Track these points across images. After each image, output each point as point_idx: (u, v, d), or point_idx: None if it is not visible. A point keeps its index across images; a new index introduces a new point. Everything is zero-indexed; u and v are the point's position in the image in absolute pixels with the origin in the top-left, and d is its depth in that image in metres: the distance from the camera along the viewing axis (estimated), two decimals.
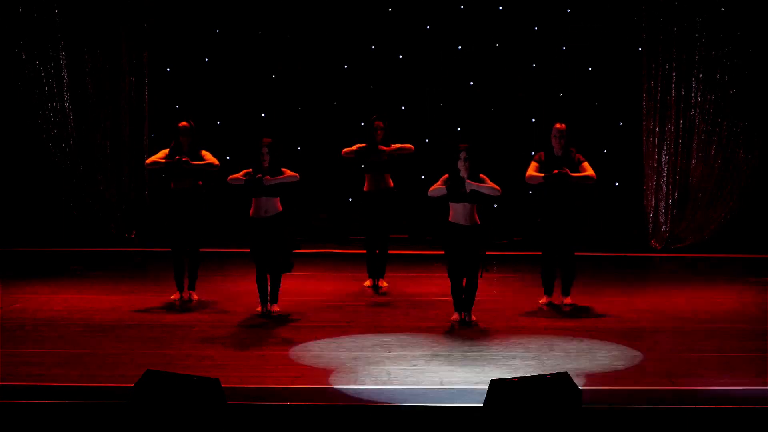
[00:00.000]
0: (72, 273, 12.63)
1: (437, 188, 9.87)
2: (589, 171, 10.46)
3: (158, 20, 14.86)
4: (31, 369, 8.21)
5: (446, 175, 9.86)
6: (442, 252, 10.00)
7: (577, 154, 10.52)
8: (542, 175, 10.41)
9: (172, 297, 10.85)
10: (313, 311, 10.47)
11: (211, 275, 12.04)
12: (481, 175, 9.81)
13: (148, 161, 10.84)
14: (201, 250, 10.87)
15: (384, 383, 7.93)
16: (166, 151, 10.66)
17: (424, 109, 15.27)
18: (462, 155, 9.81)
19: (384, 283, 11.64)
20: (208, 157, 10.66)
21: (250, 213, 10.18)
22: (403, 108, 15.14)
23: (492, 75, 15.16)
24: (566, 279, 10.69)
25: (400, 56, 15.23)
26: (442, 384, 7.93)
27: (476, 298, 10.00)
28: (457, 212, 9.82)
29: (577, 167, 10.45)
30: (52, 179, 14.75)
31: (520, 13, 14.95)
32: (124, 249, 14.33)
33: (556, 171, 10.35)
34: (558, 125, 10.55)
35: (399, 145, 11.47)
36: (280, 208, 10.19)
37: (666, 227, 14.50)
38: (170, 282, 10.95)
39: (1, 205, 14.76)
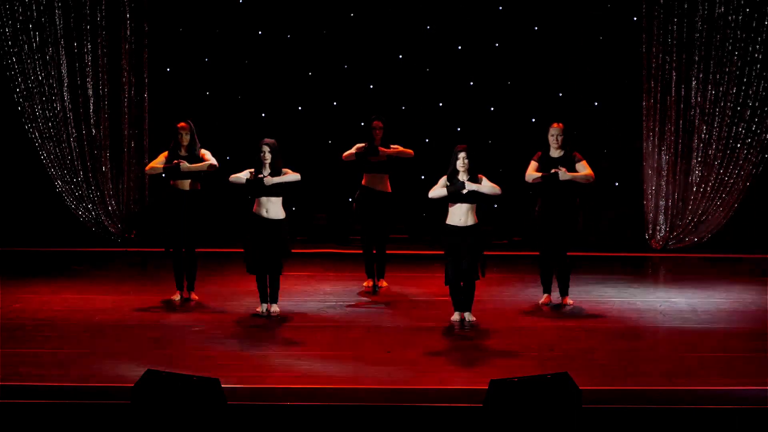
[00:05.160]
0: (72, 273, 12.63)
1: (437, 190, 9.87)
2: (587, 170, 10.46)
3: (158, 20, 14.86)
4: (31, 369, 8.20)
5: (445, 177, 9.88)
6: (442, 252, 9.99)
7: (575, 153, 10.52)
8: (539, 174, 10.43)
9: (172, 297, 10.86)
10: (313, 311, 10.47)
11: (211, 275, 12.05)
12: (480, 175, 9.82)
13: (147, 167, 10.86)
14: (200, 250, 10.87)
15: (384, 383, 7.93)
16: (166, 153, 10.66)
17: (424, 109, 15.27)
18: (461, 156, 9.81)
19: (384, 283, 11.63)
20: (208, 157, 10.66)
21: (253, 209, 10.19)
22: (403, 108, 15.14)
23: (492, 75, 15.16)
24: (562, 279, 10.70)
25: (400, 56, 15.24)
26: (442, 384, 7.93)
27: (476, 298, 9.99)
28: (456, 213, 9.82)
29: (574, 166, 10.45)
30: (52, 179, 14.75)
31: (520, 13, 14.95)
32: (124, 249, 14.33)
33: (553, 171, 10.37)
34: (555, 124, 10.55)
35: (399, 149, 11.42)
36: (284, 213, 10.20)
37: (666, 227, 14.50)
38: (170, 282, 10.96)
39: (1, 205, 14.76)
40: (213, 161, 10.66)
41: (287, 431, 7.13)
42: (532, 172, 10.50)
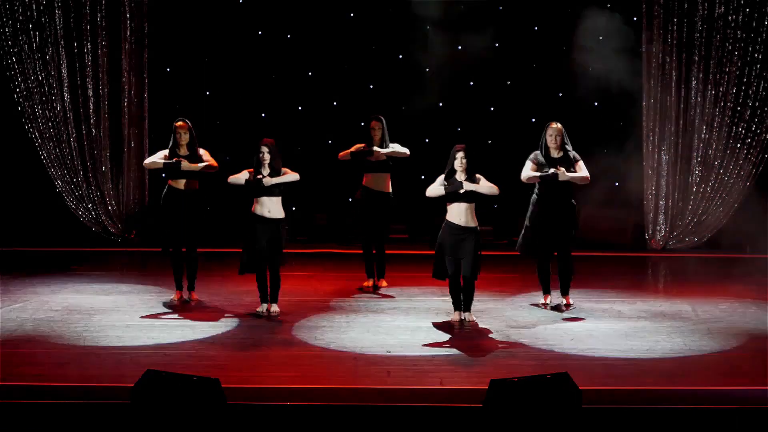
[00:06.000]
0: (72, 273, 12.63)
1: (434, 188, 9.88)
2: (584, 171, 10.43)
3: (158, 20, 14.87)
4: (31, 369, 8.21)
5: (442, 176, 9.89)
6: (433, 252, 10.00)
7: (573, 153, 10.51)
8: (538, 174, 10.41)
9: (172, 297, 10.86)
10: (313, 311, 10.47)
11: (211, 275, 12.05)
12: (477, 175, 9.84)
13: (146, 161, 10.88)
14: (200, 250, 10.87)
15: (384, 383, 7.94)
16: (166, 151, 10.67)
17: (424, 109, 15.27)
18: (459, 155, 9.82)
19: (384, 283, 11.64)
20: (207, 157, 10.67)
21: (252, 209, 10.18)
22: (403, 108, 15.15)
23: (492, 75, 15.17)
24: (564, 279, 10.68)
25: (400, 56, 15.24)
26: (442, 384, 7.93)
27: (476, 298, 9.99)
28: (454, 212, 9.83)
29: (572, 166, 10.44)
30: (52, 179, 14.77)
31: (520, 13, 14.96)
32: (124, 249, 14.33)
33: (552, 171, 10.36)
34: (553, 124, 10.53)
35: (395, 150, 11.40)
36: (283, 212, 10.21)
37: (666, 227, 14.51)
38: (170, 282, 10.96)
39: (1, 205, 14.78)
40: (213, 162, 10.66)
41: (287, 431, 7.13)
42: (529, 172, 10.47)
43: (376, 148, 11.31)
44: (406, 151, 11.46)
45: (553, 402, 6.09)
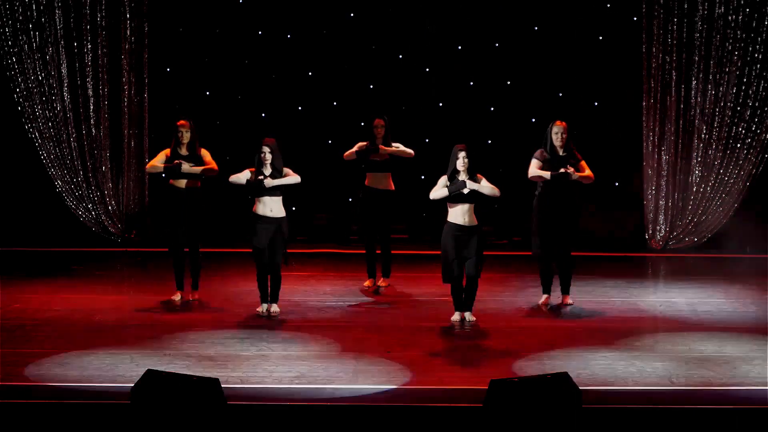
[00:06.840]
0: (72, 273, 12.63)
1: (438, 190, 9.86)
2: (588, 170, 10.47)
3: (158, 20, 14.86)
4: (31, 369, 8.21)
5: (444, 176, 9.88)
6: (439, 252, 9.99)
7: (576, 152, 10.52)
8: (549, 174, 10.38)
9: (172, 297, 10.86)
10: (313, 311, 10.47)
11: (211, 275, 12.04)
12: (478, 175, 9.84)
13: (147, 166, 10.90)
14: (201, 250, 10.86)
15: (383, 383, 7.94)
16: (167, 151, 10.67)
17: (424, 109, 15.26)
18: (461, 155, 9.81)
19: (384, 283, 11.63)
20: (208, 158, 10.66)
21: (254, 209, 10.19)
22: (403, 108, 15.14)
23: (492, 75, 15.16)
24: (565, 278, 10.68)
25: (400, 56, 15.23)
26: (442, 384, 7.93)
27: (476, 298, 9.99)
28: (456, 212, 9.82)
29: (577, 165, 10.45)
30: (52, 179, 14.75)
31: (520, 13, 14.95)
32: (124, 249, 14.33)
33: (563, 170, 10.34)
34: (559, 123, 10.53)
35: (400, 149, 11.43)
36: (284, 212, 10.22)
37: (666, 227, 14.50)
38: (170, 282, 10.95)
39: (1, 205, 14.76)
40: (213, 165, 10.65)
41: (287, 431, 7.13)
42: (537, 171, 10.43)
43: (382, 146, 11.33)
44: (411, 151, 11.49)
45: (553, 402, 6.09)
